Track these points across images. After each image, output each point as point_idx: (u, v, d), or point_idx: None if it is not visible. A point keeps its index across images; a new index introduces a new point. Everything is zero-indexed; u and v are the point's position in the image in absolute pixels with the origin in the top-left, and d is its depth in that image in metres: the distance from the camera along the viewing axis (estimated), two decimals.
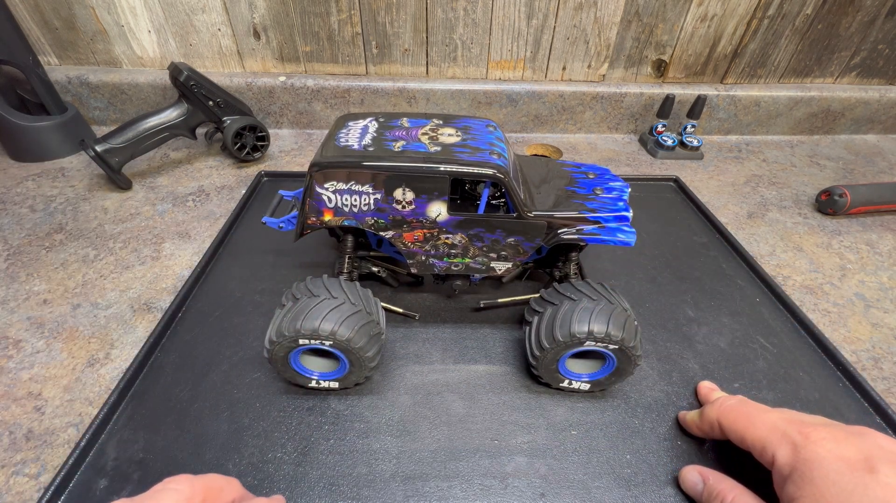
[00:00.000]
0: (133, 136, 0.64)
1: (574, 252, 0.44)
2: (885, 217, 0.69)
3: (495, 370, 0.43)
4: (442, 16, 0.75)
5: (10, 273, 0.52)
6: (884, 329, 0.51)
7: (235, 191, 0.67)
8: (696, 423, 0.37)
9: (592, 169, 0.45)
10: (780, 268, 0.59)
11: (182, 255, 0.55)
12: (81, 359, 0.43)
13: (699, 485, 0.33)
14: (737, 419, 0.33)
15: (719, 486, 0.32)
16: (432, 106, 0.82)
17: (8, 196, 0.63)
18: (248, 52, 0.78)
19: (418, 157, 0.35)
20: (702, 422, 0.36)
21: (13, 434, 0.37)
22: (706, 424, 0.36)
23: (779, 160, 0.84)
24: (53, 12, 0.72)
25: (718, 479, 0.32)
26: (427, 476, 0.35)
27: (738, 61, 0.85)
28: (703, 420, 0.36)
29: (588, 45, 0.80)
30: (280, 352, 0.36)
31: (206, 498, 0.26)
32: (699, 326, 0.49)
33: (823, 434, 0.28)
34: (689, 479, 0.34)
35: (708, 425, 0.35)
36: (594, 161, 0.80)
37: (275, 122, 0.83)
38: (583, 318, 0.36)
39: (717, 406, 0.35)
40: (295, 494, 0.34)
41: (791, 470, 0.28)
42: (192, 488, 0.26)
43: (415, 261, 0.41)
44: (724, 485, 0.32)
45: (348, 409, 0.39)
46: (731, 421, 0.33)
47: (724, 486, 0.31)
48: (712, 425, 0.35)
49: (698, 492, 0.33)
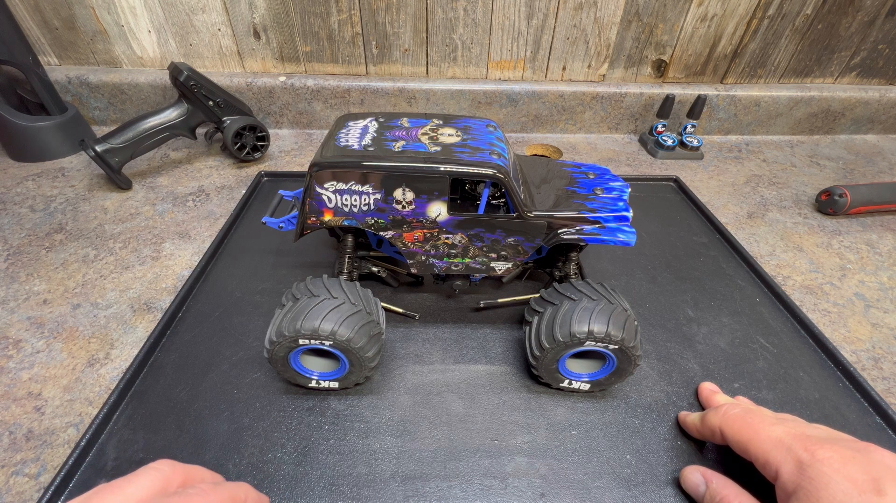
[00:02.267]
0: (133, 136, 0.64)
1: (574, 252, 0.44)
2: (885, 217, 0.69)
3: (495, 370, 0.43)
4: (442, 16, 0.75)
5: (10, 273, 0.52)
6: (884, 329, 0.51)
7: (235, 191, 0.67)
8: (696, 427, 0.37)
9: (592, 169, 0.45)
10: (780, 269, 0.59)
11: (182, 255, 0.55)
12: (81, 359, 0.43)
13: (701, 486, 0.33)
14: (741, 429, 0.32)
15: (723, 492, 0.31)
16: (432, 106, 0.82)
17: (8, 196, 0.63)
18: (248, 52, 0.78)
19: (418, 157, 0.35)
20: (703, 426, 0.36)
21: (13, 434, 0.37)
22: (707, 429, 0.35)
23: (779, 160, 0.84)
24: (53, 12, 0.72)
25: (723, 484, 0.32)
26: (427, 476, 0.35)
27: (738, 61, 0.85)
28: (704, 424, 0.36)
29: (588, 45, 0.80)
30: (280, 353, 0.36)
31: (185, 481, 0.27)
32: (699, 326, 0.49)
33: (830, 453, 0.27)
34: (691, 480, 0.34)
35: (709, 431, 0.35)
36: (594, 161, 0.80)
37: (275, 122, 0.83)
38: (583, 318, 0.36)
39: (722, 413, 0.34)
40: (295, 494, 0.34)
41: (796, 487, 0.27)
42: (173, 470, 0.27)
43: (415, 262, 0.41)
44: (729, 490, 0.31)
45: (348, 409, 0.39)
46: (735, 430, 0.32)
47: (729, 492, 0.31)
48: (714, 431, 0.34)
49: (700, 493, 0.33)
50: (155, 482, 0.26)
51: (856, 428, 0.40)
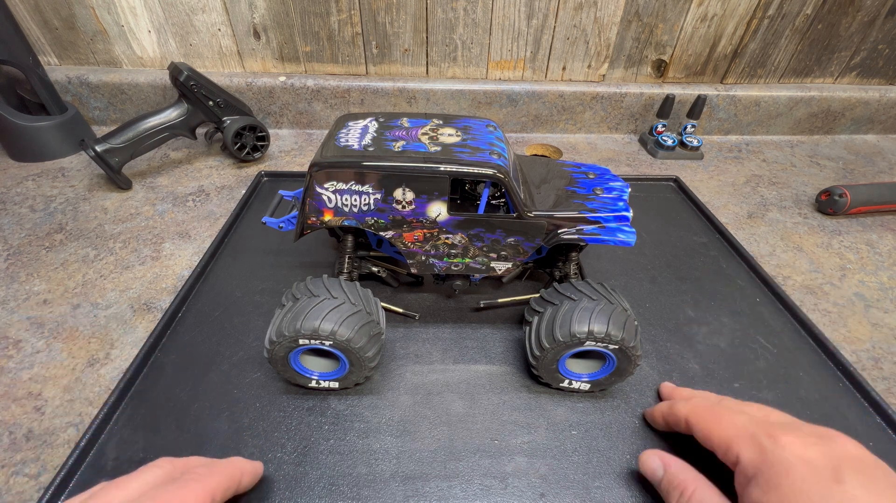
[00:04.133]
0: (133, 136, 0.64)
1: (574, 252, 0.44)
2: (885, 217, 0.69)
3: (495, 370, 0.43)
4: (442, 16, 0.75)
5: (10, 273, 0.52)
6: (884, 329, 0.51)
7: (235, 191, 0.67)
8: (663, 414, 0.37)
9: (592, 169, 0.45)
10: (780, 269, 0.59)
11: (182, 255, 0.55)
12: (81, 359, 0.43)
13: (659, 471, 0.32)
14: (706, 418, 0.32)
15: (681, 477, 0.31)
16: (432, 106, 0.82)
17: (8, 196, 0.63)
18: (248, 52, 0.78)
19: (418, 157, 0.35)
20: (669, 413, 0.36)
21: (13, 434, 0.37)
22: (673, 417, 0.35)
23: (779, 160, 0.84)
24: (53, 12, 0.72)
25: (681, 469, 0.31)
26: (427, 476, 0.35)
27: (738, 61, 0.85)
28: (671, 412, 0.36)
29: (588, 45, 0.80)
30: (280, 352, 0.36)
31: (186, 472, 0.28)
32: (699, 326, 0.49)
33: (792, 438, 0.27)
34: (648, 465, 0.33)
35: (675, 419, 0.35)
36: (594, 161, 0.80)
37: (275, 122, 0.83)
38: (583, 318, 0.36)
39: (692, 405, 0.34)
40: (295, 494, 0.34)
41: (756, 471, 0.27)
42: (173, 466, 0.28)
43: (415, 262, 0.41)
44: (686, 475, 0.31)
45: (348, 409, 0.39)
46: (701, 418, 0.33)
47: (686, 478, 0.30)
48: (679, 420, 0.34)
49: (658, 478, 0.32)
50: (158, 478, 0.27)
51: (856, 428, 0.40)
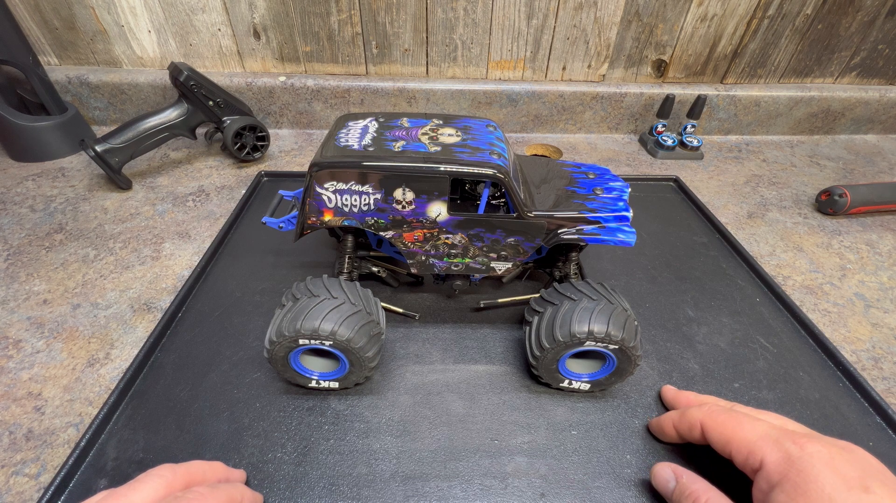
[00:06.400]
0: (133, 136, 0.64)
1: (574, 252, 0.44)
2: (885, 217, 0.69)
3: (495, 370, 0.43)
4: (442, 16, 0.75)
5: (10, 273, 0.52)
6: (884, 329, 0.51)
7: (235, 191, 0.67)
8: (674, 422, 0.36)
9: (592, 169, 0.45)
10: (780, 269, 0.59)
11: (182, 255, 0.55)
12: (81, 359, 0.43)
13: (671, 482, 0.32)
14: (724, 422, 0.32)
15: (692, 487, 0.31)
16: (432, 106, 0.82)
17: (8, 196, 0.63)
18: (248, 52, 0.78)
19: (418, 157, 0.35)
20: (681, 421, 0.35)
21: (13, 434, 0.37)
22: (685, 424, 0.34)
23: (779, 160, 0.84)
24: (53, 12, 0.72)
25: (692, 479, 0.31)
26: (427, 476, 0.35)
27: (738, 61, 0.85)
28: (683, 420, 0.35)
29: (588, 45, 0.80)
30: (280, 353, 0.36)
31: (187, 484, 0.28)
32: (699, 326, 0.49)
33: (819, 447, 0.28)
34: (661, 476, 0.33)
35: (688, 426, 0.34)
36: (594, 161, 0.80)
37: (275, 122, 0.83)
38: (583, 318, 0.36)
39: (706, 410, 0.34)
40: (295, 494, 0.34)
41: (781, 478, 0.27)
42: (174, 475, 0.27)
43: (415, 262, 0.41)
44: (698, 485, 0.31)
45: (348, 409, 0.39)
46: (718, 423, 0.32)
47: (698, 487, 0.30)
48: (693, 427, 0.34)
49: (669, 490, 0.32)
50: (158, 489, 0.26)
51: (856, 428, 0.40)
